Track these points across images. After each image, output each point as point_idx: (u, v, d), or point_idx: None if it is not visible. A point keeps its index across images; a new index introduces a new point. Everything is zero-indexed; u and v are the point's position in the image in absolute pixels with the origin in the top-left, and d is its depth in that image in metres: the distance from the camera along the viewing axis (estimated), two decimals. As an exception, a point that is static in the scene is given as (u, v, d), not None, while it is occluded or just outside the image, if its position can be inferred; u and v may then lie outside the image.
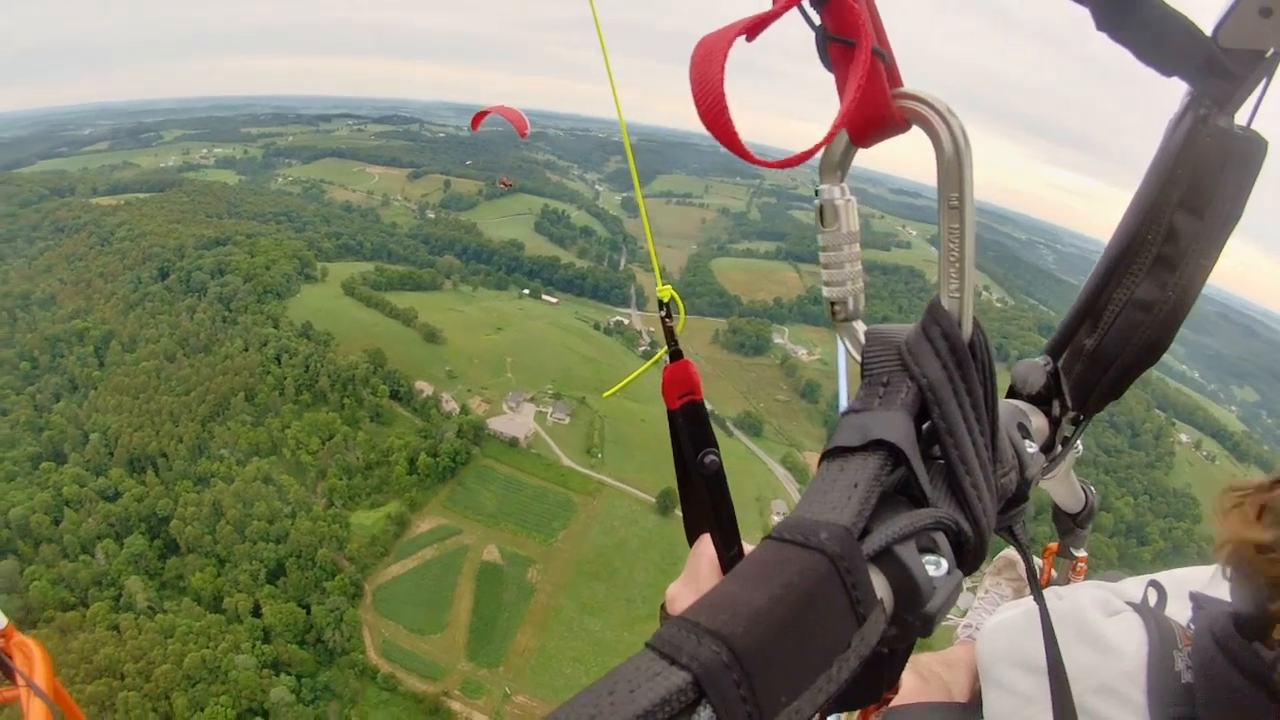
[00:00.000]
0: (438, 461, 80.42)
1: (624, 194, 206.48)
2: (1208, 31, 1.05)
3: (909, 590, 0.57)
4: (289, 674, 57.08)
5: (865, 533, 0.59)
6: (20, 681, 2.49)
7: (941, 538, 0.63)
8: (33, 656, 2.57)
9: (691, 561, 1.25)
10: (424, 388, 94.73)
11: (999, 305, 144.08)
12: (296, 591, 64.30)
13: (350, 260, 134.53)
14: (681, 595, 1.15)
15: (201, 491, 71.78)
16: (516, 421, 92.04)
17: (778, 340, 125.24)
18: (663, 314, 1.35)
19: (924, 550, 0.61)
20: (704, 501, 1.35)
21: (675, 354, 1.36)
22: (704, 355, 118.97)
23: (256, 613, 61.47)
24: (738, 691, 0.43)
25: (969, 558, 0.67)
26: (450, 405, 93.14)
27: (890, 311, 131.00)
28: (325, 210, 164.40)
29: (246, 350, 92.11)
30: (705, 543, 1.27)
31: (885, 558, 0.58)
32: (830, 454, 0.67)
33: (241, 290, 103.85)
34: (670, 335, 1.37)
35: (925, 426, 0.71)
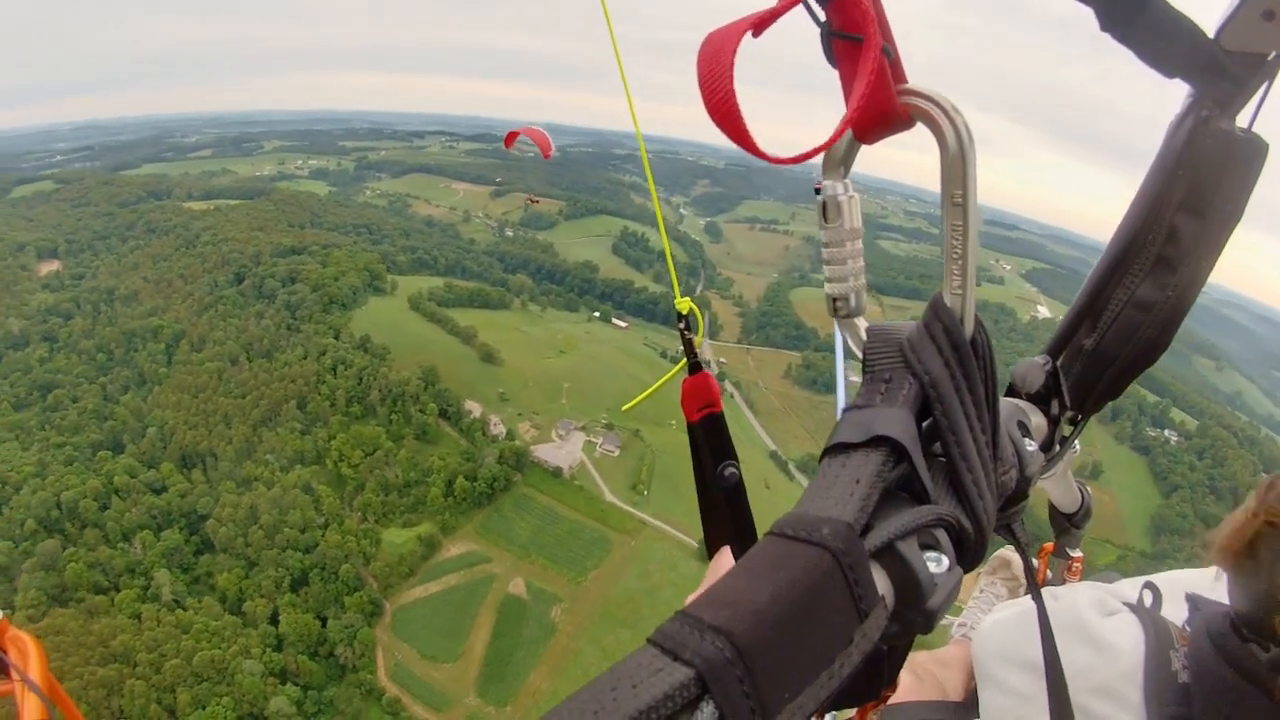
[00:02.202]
0: (474, 486, 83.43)
1: (708, 218, 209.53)
2: (1210, 34, 1.10)
3: (911, 587, 0.61)
4: (296, 684, 60.38)
5: (867, 529, 0.62)
6: (15, 676, 2.57)
7: (943, 535, 0.67)
8: (27, 651, 2.65)
9: (711, 574, 1.31)
10: (473, 408, 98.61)
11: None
12: (317, 603, 68.16)
13: (423, 274, 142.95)
14: None
15: (242, 494, 77.83)
16: (563, 450, 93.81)
17: (854, 379, 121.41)
18: (681, 326, 1.43)
19: (925, 547, 0.65)
20: (724, 514, 1.43)
21: (694, 366, 1.46)
22: (774, 391, 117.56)
23: (274, 619, 65.61)
24: (741, 688, 0.46)
25: (969, 555, 0.72)
26: (498, 429, 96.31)
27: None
28: (406, 224, 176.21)
29: (305, 359, 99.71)
30: (725, 555, 1.33)
31: (887, 554, 0.62)
32: (832, 450, 0.70)
33: (309, 299, 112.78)
34: (689, 348, 1.47)
35: (926, 423, 0.75)
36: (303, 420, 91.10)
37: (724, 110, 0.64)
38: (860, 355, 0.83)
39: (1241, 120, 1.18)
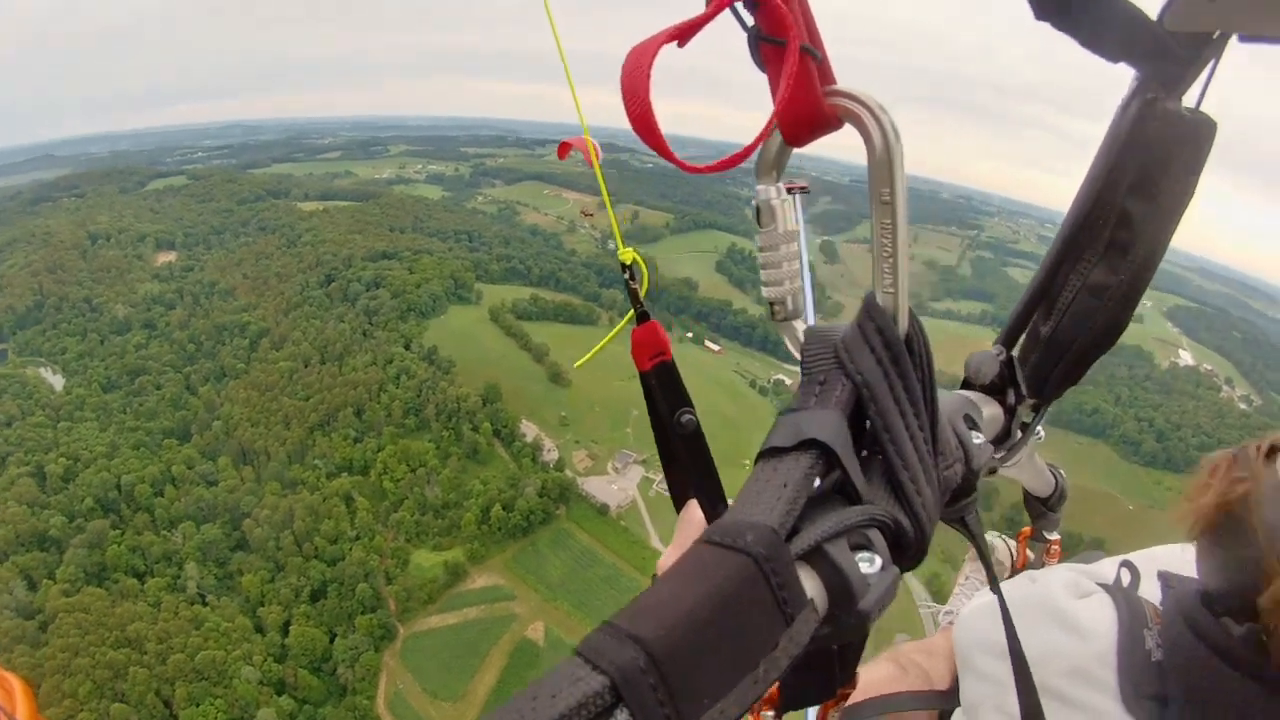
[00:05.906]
0: (509, 517, 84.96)
1: (825, 237, 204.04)
2: (1153, 15, 1.15)
3: (841, 588, 0.65)
4: (294, 698, 64.88)
5: (796, 532, 0.67)
6: (2, 717, 2.96)
7: (876, 534, 0.71)
8: (13, 692, 2.66)
9: (681, 529, 1.44)
10: (529, 430, 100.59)
11: (1242, 406, 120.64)
12: (330, 618, 72.65)
13: (514, 284, 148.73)
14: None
15: (284, 496, 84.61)
16: (616, 485, 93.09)
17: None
18: (626, 276, 1.60)
19: (857, 548, 0.69)
20: (685, 464, 1.61)
21: (642, 316, 1.64)
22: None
23: (287, 629, 70.82)
24: (654, 695, 0.50)
25: (910, 553, 0.77)
26: (551, 454, 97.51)
27: (1107, 402, 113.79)
28: (509, 232, 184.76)
29: (372, 365, 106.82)
30: (693, 508, 1.48)
31: (816, 557, 0.66)
32: (764, 455, 0.75)
33: (387, 305, 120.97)
34: (635, 298, 1.64)
35: (868, 423, 0.80)
36: (358, 428, 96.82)
37: (641, 121, 0.69)
38: (799, 357, 0.87)
39: (1189, 99, 1.22)
